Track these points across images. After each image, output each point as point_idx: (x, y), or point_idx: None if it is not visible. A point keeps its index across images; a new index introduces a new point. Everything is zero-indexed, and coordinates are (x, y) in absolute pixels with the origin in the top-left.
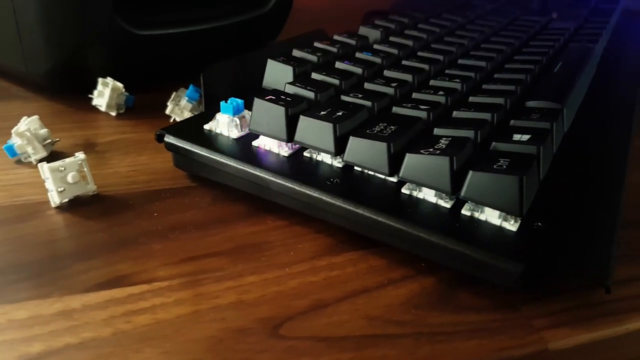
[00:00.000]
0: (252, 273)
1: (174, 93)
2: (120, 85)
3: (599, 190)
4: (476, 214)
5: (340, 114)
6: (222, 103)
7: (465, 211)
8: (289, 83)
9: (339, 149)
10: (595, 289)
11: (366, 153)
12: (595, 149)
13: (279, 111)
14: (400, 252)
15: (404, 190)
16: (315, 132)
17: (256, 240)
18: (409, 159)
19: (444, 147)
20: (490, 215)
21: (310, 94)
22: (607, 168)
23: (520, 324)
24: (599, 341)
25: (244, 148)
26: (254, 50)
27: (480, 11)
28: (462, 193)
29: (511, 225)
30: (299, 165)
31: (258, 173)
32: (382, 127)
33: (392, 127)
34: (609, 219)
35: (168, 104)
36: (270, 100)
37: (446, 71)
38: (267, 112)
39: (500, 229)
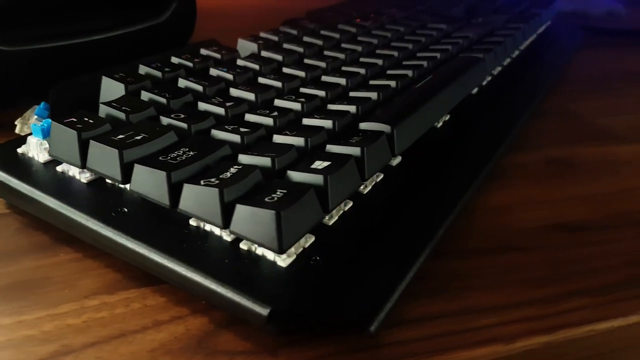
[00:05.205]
0: (10, 314)
1: (28, 111)
2: None
3: (419, 218)
4: (253, 249)
5: (139, 137)
6: (32, 125)
7: (243, 245)
8: (102, 103)
9: (127, 178)
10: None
11: (149, 182)
12: (435, 173)
13: (71, 135)
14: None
15: (192, 222)
16: (103, 158)
17: (37, 276)
18: (187, 189)
19: (228, 176)
20: (267, 250)
21: (121, 115)
22: (442, 192)
23: None
24: None
25: (45, 174)
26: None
27: (385, 19)
28: (231, 227)
29: (282, 261)
30: (94, 194)
31: (44, 202)
32: (179, 154)
33: (191, 152)
34: (412, 250)
35: (16, 122)
36: (66, 124)
37: (300, 89)
38: (63, 136)
39: (273, 264)
